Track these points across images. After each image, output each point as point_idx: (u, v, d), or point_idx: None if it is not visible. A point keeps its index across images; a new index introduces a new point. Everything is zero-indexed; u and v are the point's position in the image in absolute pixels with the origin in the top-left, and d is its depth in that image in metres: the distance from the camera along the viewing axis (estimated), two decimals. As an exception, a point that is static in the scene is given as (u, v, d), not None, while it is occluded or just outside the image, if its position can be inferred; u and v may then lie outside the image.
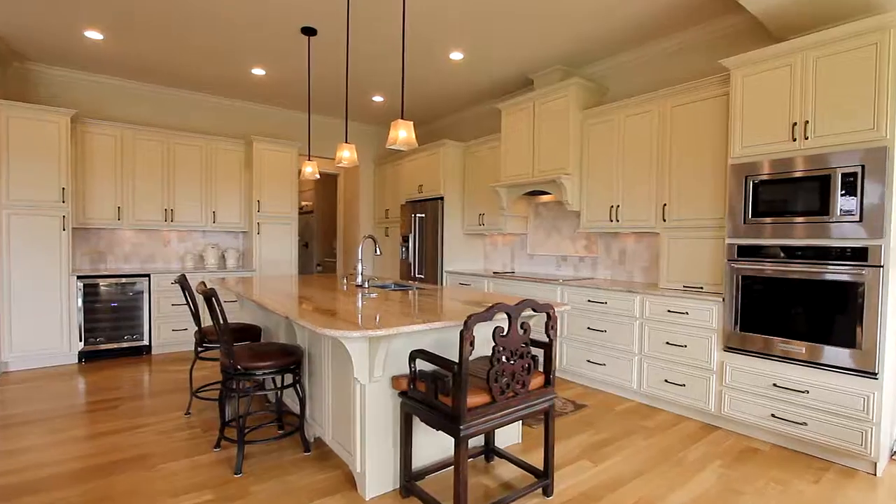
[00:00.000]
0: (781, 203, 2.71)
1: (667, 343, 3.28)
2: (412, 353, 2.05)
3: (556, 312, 2.38)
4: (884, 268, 2.35)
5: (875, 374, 2.39)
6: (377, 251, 3.39)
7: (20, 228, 4.10)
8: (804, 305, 2.62)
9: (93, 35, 3.91)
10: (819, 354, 2.57)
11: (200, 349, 3.06)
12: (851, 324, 2.44)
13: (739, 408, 2.91)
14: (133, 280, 4.65)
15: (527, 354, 1.98)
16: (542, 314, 2.24)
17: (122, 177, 4.81)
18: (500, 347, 1.87)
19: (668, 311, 3.26)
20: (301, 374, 2.74)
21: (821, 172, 2.55)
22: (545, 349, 2.18)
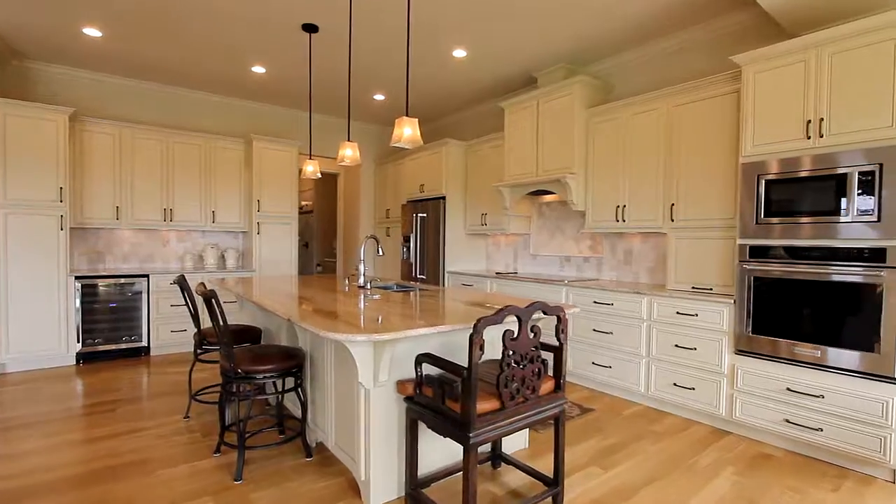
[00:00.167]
0: (795, 203, 2.64)
1: (675, 345, 3.21)
2: (418, 357, 1.98)
3: (567, 315, 2.32)
4: (902, 269, 2.29)
5: (894, 379, 2.32)
6: (380, 251, 3.32)
7: (17, 228, 4.03)
8: (819, 307, 2.55)
9: (91, 32, 3.84)
10: (835, 358, 2.50)
11: (200, 351, 3.00)
12: (868, 326, 2.38)
13: (751, 412, 2.84)
14: (132, 280, 4.58)
15: (537, 359, 1.92)
16: (552, 317, 2.17)
17: (121, 176, 4.74)
18: (510, 351, 1.80)
19: (677, 313, 3.20)
20: (303, 378, 2.68)
21: (836, 171, 2.48)
22: (555, 353, 2.11)
